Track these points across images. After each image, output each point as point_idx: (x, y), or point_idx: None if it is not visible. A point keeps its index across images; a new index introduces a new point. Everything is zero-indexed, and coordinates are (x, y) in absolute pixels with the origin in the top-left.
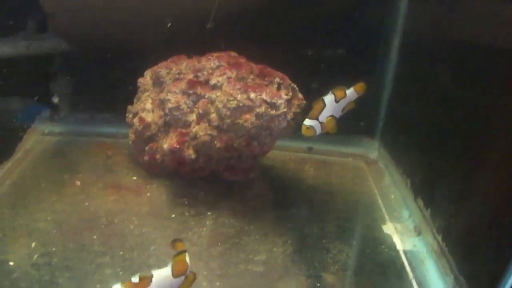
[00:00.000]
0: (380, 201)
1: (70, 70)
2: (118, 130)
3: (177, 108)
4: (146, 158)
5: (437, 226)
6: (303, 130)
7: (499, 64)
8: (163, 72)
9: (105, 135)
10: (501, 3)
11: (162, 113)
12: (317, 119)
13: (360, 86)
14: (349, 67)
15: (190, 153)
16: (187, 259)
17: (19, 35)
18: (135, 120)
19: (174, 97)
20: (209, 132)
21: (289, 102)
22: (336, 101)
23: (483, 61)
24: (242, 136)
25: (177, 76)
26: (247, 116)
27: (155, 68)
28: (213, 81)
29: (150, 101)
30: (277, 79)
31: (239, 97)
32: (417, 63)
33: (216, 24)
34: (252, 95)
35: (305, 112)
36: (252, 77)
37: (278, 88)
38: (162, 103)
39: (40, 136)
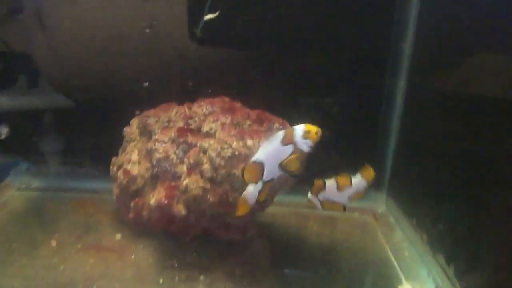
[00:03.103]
0: (393, 259)
1: (52, 123)
2: (102, 185)
3: (166, 158)
4: (131, 215)
5: (464, 286)
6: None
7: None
8: (151, 120)
9: (88, 191)
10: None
11: (149, 164)
12: (316, 197)
13: (368, 171)
14: (353, 116)
15: (179, 209)
16: None
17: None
18: (120, 173)
19: (163, 147)
20: (201, 184)
21: None
22: (339, 188)
23: (490, 113)
24: (238, 189)
25: (166, 124)
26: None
27: (142, 116)
28: (205, 128)
29: (136, 152)
30: (276, 125)
31: (234, 144)
32: (424, 112)
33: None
34: (249, 142)
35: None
36: (248, 122)
37: None
38: (149, 154)
39: (16, 191)
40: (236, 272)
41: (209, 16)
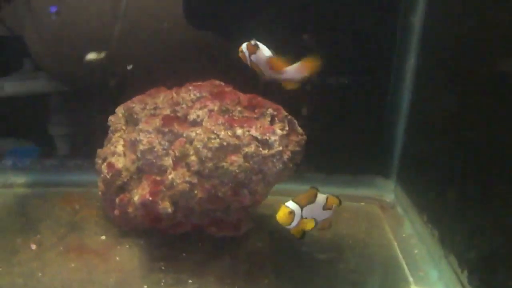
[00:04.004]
0: (401, 257)
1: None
2: (92, 178)
3: (150, 150)
4: (116, 212)
5: None
6: (280, 212)
7: None
8: (137, 107)
9: (77, 184)
10: None
11: (134, 157)
12: (302, 208)
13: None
14: (358, 94)
15: (165, 206)
16: None
17: None
18: (103, 167)
19: (147, 137)
20: (187, 179)
21: (285, 138)
22: (324, 208)
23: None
24: (228, 183)
25: (152, 111)
26: (233, 157)
27: (128, 103)
28: (192, 116)
29: (121, 142)
30: (270, 111)
31: (222, 134)
32: (438, 88)
33: None
34: (239, 131)
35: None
36: (239, 109)
37: (272, 122)
38: (133, 145)
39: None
40: (229, 274)
41: (92, 56)
